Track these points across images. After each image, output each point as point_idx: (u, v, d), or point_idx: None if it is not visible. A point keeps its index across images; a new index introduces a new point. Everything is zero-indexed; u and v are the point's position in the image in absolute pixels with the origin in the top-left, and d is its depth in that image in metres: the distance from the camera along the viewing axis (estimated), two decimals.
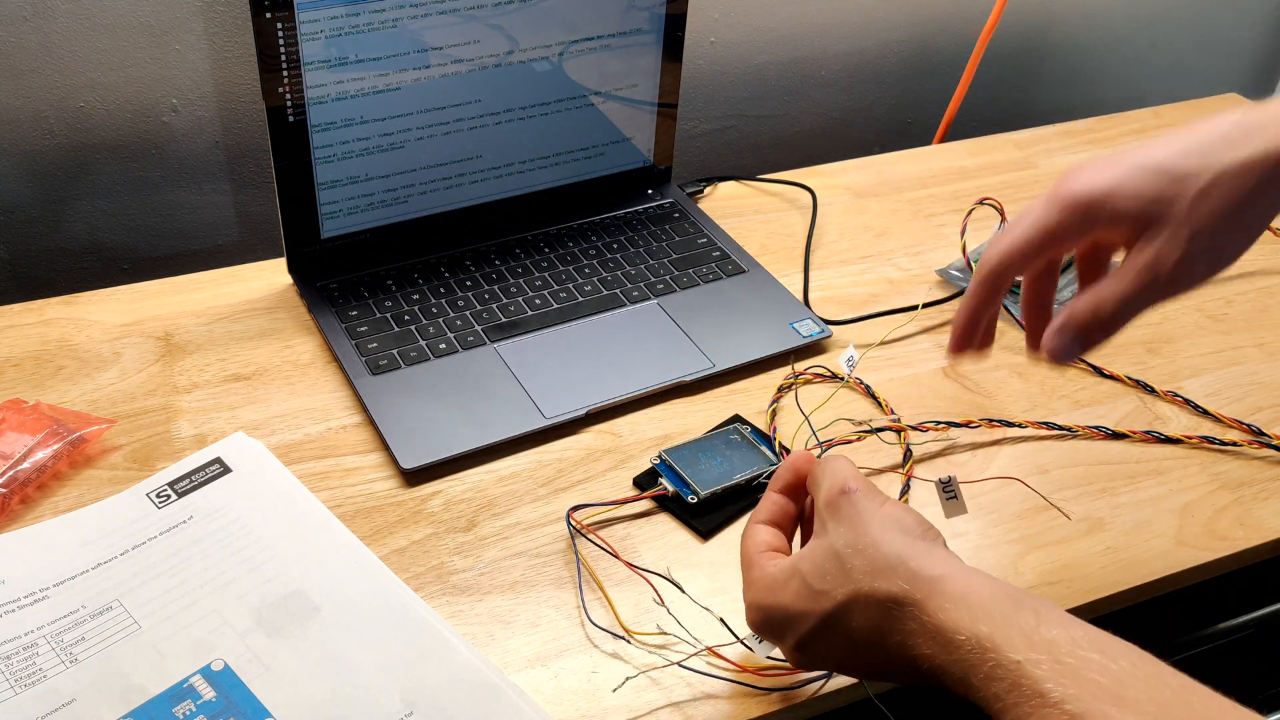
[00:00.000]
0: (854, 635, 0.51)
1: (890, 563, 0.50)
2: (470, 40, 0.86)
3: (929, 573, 0.49)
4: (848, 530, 0.52)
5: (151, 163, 0.98)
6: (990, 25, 1.13)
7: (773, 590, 0.54)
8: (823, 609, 0.52)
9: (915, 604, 0.49)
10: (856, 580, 0.51)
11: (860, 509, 0.53)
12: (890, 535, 0.51)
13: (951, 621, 0.47)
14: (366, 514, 0.72)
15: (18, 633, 0.62)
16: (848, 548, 0.52)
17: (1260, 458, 0.79)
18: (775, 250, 0.98)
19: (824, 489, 0.55)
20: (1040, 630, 0.45)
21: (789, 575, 0.54)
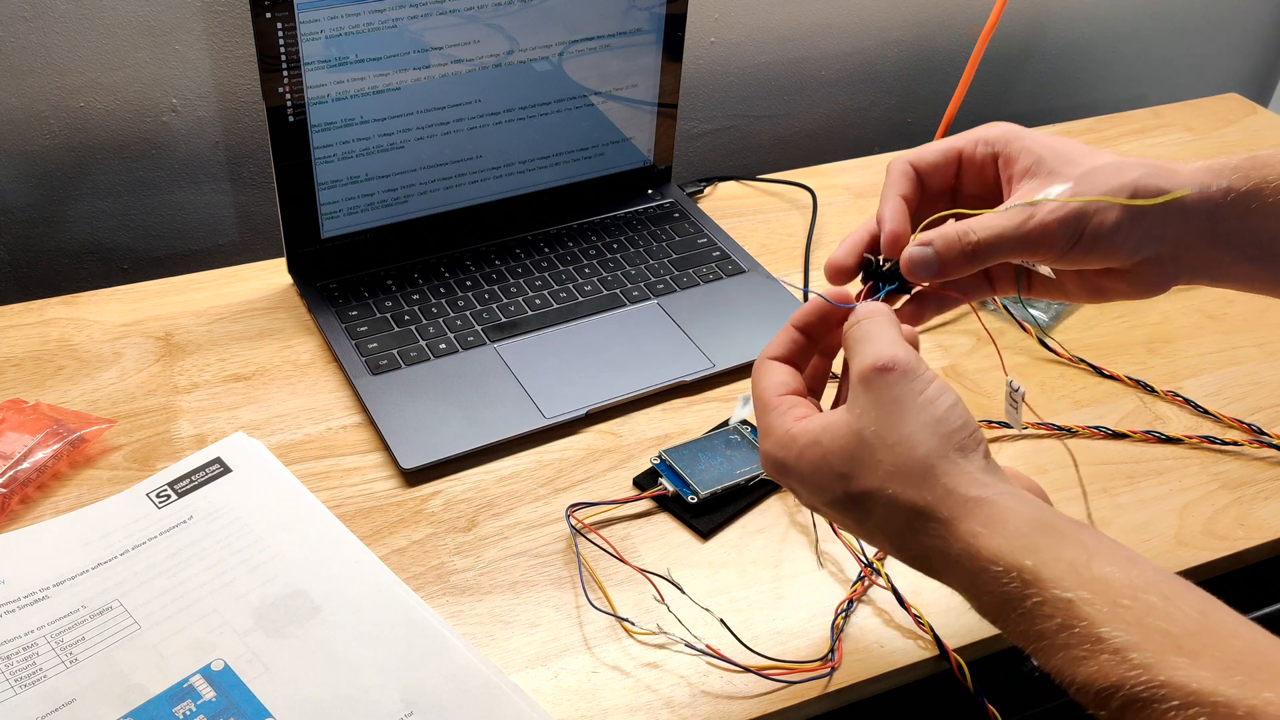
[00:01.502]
0: (873, 524, 0.48)
1: (920, 470, 0.46)
2: (470, 40, 0.86)
3: (963, 491, 0.45)
4: (880, 416, 0.47)
5: (151, 163, 0.98)
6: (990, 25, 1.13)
7: (789, 448, 0.50)
8: (843, 490, 0.48)
9: (943, 522, 0.45)
10: (881, 478, 0.47)
11: (897, 395, 0.47)
12: (925, 436, 0.46)
13: (987, 549, 0.44)
14: (366, 514, 0.72)
15: (18, 633, 0.62)
16: (876, 439, 0.47)
17: (1260, 458, 0.79)
18: (775, 250, 0.98)
19: (860, 356, 0.49)
20: (1092, 566, 0.42)
21: (809, 442, 0.49)
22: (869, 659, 0.64)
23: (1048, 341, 0.88)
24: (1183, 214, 0.53)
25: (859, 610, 0.67)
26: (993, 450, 0.79)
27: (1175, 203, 0.53)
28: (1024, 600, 0.42)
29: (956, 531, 0.45)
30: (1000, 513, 0.45)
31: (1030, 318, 0.91)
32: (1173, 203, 0.53)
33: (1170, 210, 0.53)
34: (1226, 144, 1.18)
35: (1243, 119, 1.24)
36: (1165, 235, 0.53)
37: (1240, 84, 1.49)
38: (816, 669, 0.63)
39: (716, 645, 0.63)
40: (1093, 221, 0.52)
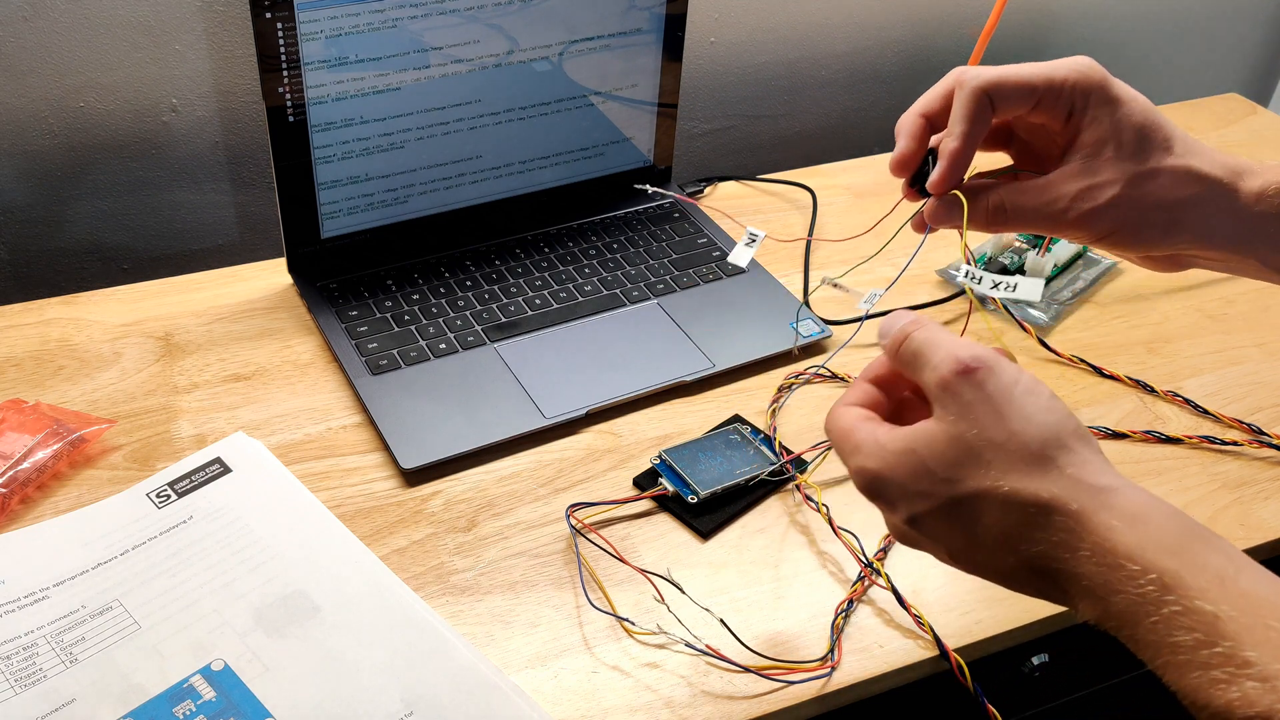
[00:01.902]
0: (978, 532, 0.44)
1: (1039, 461, 0.42)
2: (470, 40, 0.86)
3: (1093, 480, 0.42)
4: (978, 418, 0.44)
5: (151, 163, 0.98)
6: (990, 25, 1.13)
7: (882, 457, 0.46)
8: (948, 495, 0.44)
9: (1072, 515, 0.42)
10: (994, 477, 0.43)
11: (990, 392, 0.44)
12: (1037, 426, 0.43)
13: (1124, 545, 0.40)
14: (366, 514, 0.72)
15: (18, 633, 0.62)
16: (980, 440, 0.43)
17: (1260, 458, 0.79)
18: (775, 250, 0.98)
19: (931, 367, 0.46)
20: (1240, 580, 0.39)
21: (902, 449, 0.46)
22: (869, 659, 0.64)
23: (1048, 341, 0.88)
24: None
25: (859, 610, 0.67)
26: None
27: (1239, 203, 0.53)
28: (1160, 607, 0.39)
29: (1089, 524, 0.41)
30: (1137, 507, 0.41)
31: (1030, 317, 0.91)
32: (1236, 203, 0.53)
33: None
34: (1226, 144, 1.18)
35: (1243, 119, 1.24)
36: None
37: (1240, 84, 1.49)
38: (816, 669, 0.63)
39: (716, 645, 0.63)
40: (1137, 227, 0.53)
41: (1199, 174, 0.54)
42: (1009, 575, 0.45)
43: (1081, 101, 0.53)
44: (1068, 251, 0.96)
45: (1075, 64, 0.53)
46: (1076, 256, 0.97)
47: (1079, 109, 0.53)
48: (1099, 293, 0.95)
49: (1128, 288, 0.96)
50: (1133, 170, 0.53)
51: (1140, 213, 0.54)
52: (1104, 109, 0.53)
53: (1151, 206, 0.54)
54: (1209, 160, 0.54)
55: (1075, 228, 0.54)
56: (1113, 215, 0.53)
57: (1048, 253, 0.94)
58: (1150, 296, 0.95)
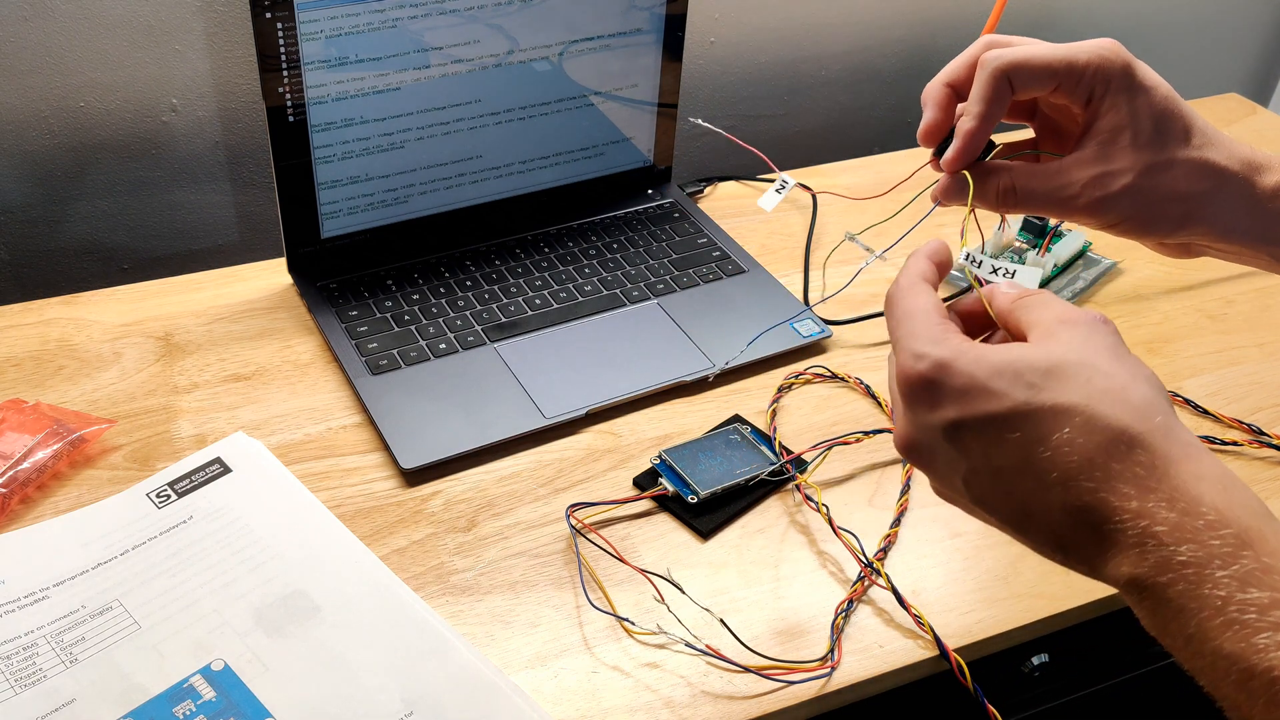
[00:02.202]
0: (1038, 452, 0.41)
1: (1139, 403, 0.41)
2: (470, 40, 0.86)
3: (1183, 437, 0.41)
4: (1091, 350, 0.42)
5: (151, 163, 0.98)
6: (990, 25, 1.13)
7: (966, 353, 0.43)
8: (1025, 400, 0.41)
9: (1157, 454, 0.40)
10: (1089, 395, 0.41)
11: (1113, 342, 0.43)
12: (1144, 384, 0.42)
13: (1207, 496, 0.39)
14: (366, 514, 0.72)
15: (18, 633, 0.62)
16: (1087, 361, 0.42)
17: (1260, 458, 0.79)
18: (775, 250, 0.98)
19: (1058, 308, 0.45)
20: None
21: (996, 351, 0.43)
22: (869, 659, 0.64)
23: None
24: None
25: (859, 610, 0.67)
26: None
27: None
28: (1234, 561, 0.37)
29: (1173, 469, 0.39)
30: (1218, 472, 0.40)
31: None
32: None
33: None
34: None
35: (1243, 119, 1.24)
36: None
37: (1240, 84, 1.49)
38: (816, 669, 0.63)
39: (716, 645, 0.63)
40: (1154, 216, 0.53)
41: (1215, 167, 0.53)
42: (1038, 517, 0.42)
43: (1102, 87, 0.52)
44: (1068, 251, 0.96)
45: (1099, 47, 0.52)
46: (1076, 256, 0.97)
47: (1099, 94, 0.53)
48: (1099, 293, 0.95)
49: (1128, 288, 0.96)
50: (1148, 160, 0.53)
51: (1152, 203, 0.53)
52: (1123, 95, 0.52)
53: (1164, 198, 0.53)
54: (1226, 153, 0.54)
55: (1085, 214, 0.54)
56: (1124, 204, 0.53)
57: (1048, 252, 0.94)
58: (1150, 296, 0.95)
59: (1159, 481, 0.39)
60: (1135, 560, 0.39)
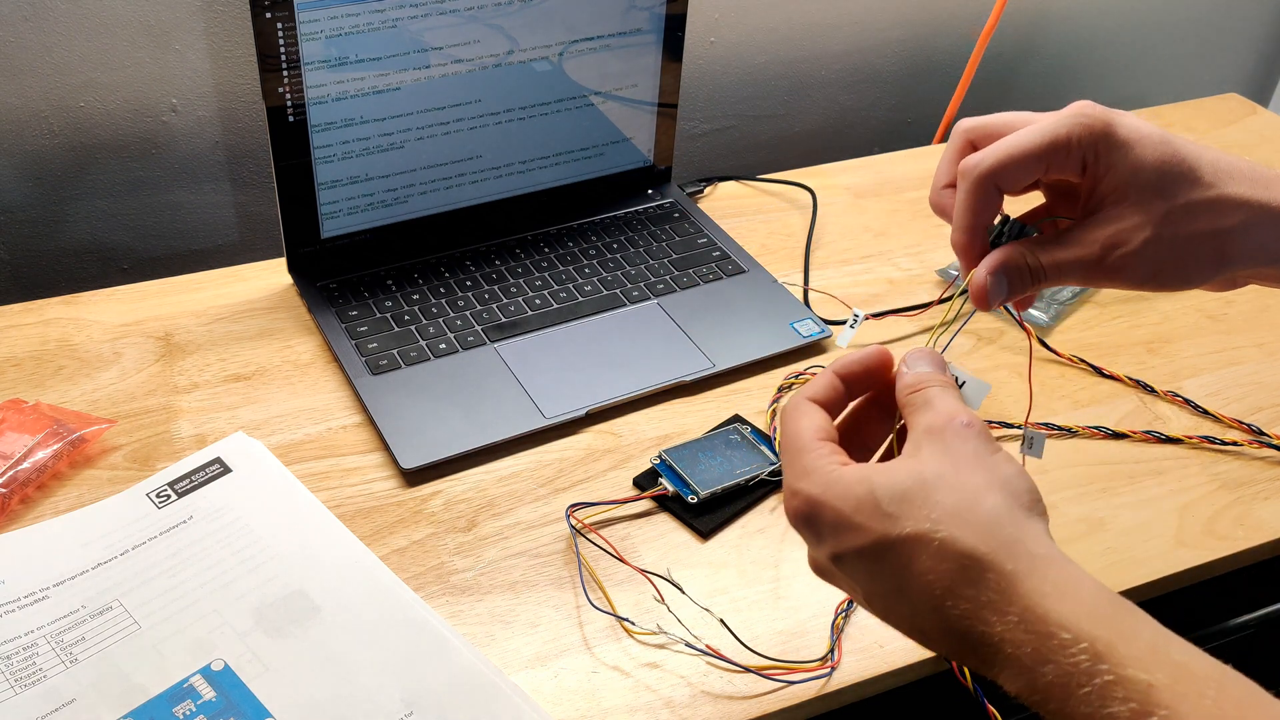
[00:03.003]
0: (907, 580, 0.43)
1: (986, 519, 0.42)
2: (470, 40, 0.86)
3: (1030, 547, 0.41)
4: (947, 463, 0.44)
5: (151, 163, 0.98)
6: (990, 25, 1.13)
7: (831, 487, 0.45)
8: (883, 532, 0.43)
9: (1004, 575, 0.40)
10: (937, 520, 0.42)
11: (971, 448, 0.44)
12: (994, 492, 0.43)
13: (1055, 613, 0.39)
14: (366, 514, 0.72)
15: (18, 633, 0.62)
16: (939, 480, 0.43)
17: (1260, 458, 0.79)
18: (775, 250, 0.98)
19: (934, 412, 0.46)
20: (1172, 650, 0.38)
21: (856, 480, 0.44)
22: (869, 659, 0.64)
23: (1048, 341, 0.88)
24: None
25: (859, 610, 0.67)
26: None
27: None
28: (1093, 677, 0.37)
29: (1020, 588, 0.40)
30: (1072, 577, 0.40)
31: (1030, 318, 0.91)
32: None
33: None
34: (1226, 144, 1.18)
35: (1243, 119, 1.24)
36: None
37: (1240, 84, 1.49)
38: (816, 669, 0.63)
39: (716, 645, 0.63)
40: (1180, 269, 0.51)
41: (1236, 200, 0.51)
42: (930, 635, 0.44)
43: (1092, 153, 0.51)
44: None
45: (1078, 115, 0.51)
46: None
47: (1091, 160, 0.51)
48: (1099, 293, 0.95)
49: None
50: (1163, 209, 0.51)
51: (1181, 248, 0.51)
52: (1116, 154, 0.51)
53: (1191, 240, 0.51)
54: (1247, 183, 0.52)
55: (1115, 275, 0.52)
56: (1152, 256, 0.51)
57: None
58: (1150, 296, 0.95)
59: (1010, 604, 0.40)
60: (1012, 679, 0.40)
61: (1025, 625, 0.39)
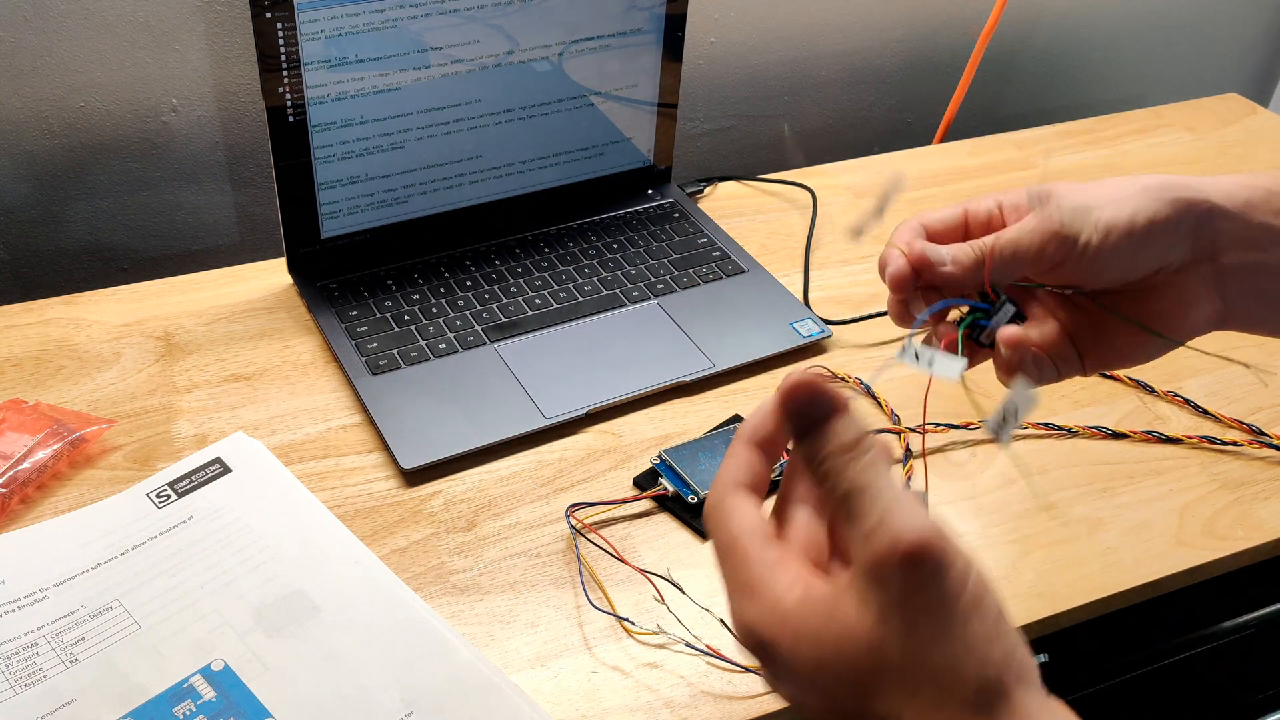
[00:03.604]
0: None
1: (976, 707, 0.36)
2: (470, 40, 0.86)
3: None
4: (911, 629, 0.35)
5: (151, 163, 0.98)
6: (990, 25, 1.13)
7: (780, 627, 0.38)
8: (856, 705, 0.37)
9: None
10: (918, 711, 0.36)
11: (930, 599, 0.35)
12: (976, 661, 0.36)
13: None
14: (366, 514, 0.72)
15: (18, 633, 0.62)
16: (908, 658, 0.36)
17: (1260, 458, 0.79)
18: (775, 250, 0.98)
19: (863, 530, 0.36)
20: None
21: (810, 635, 0.37)
22: None
23: None
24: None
25: None
26: (993, 450, 0.79)
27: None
28: None
29: None
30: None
31: None
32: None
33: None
34: (1226, 144, 1.18)
35: (1243, 119, 1.24)
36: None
37: (1240, 84, 1.49)
38: None
39: (716, 645, 0.63)
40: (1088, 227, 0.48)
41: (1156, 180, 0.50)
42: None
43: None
44: None
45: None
46: None
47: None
48: None
49: None
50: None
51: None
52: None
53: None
54: (1224, 194, 0.50)
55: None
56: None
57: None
58: None
59: None
60: None
61: None
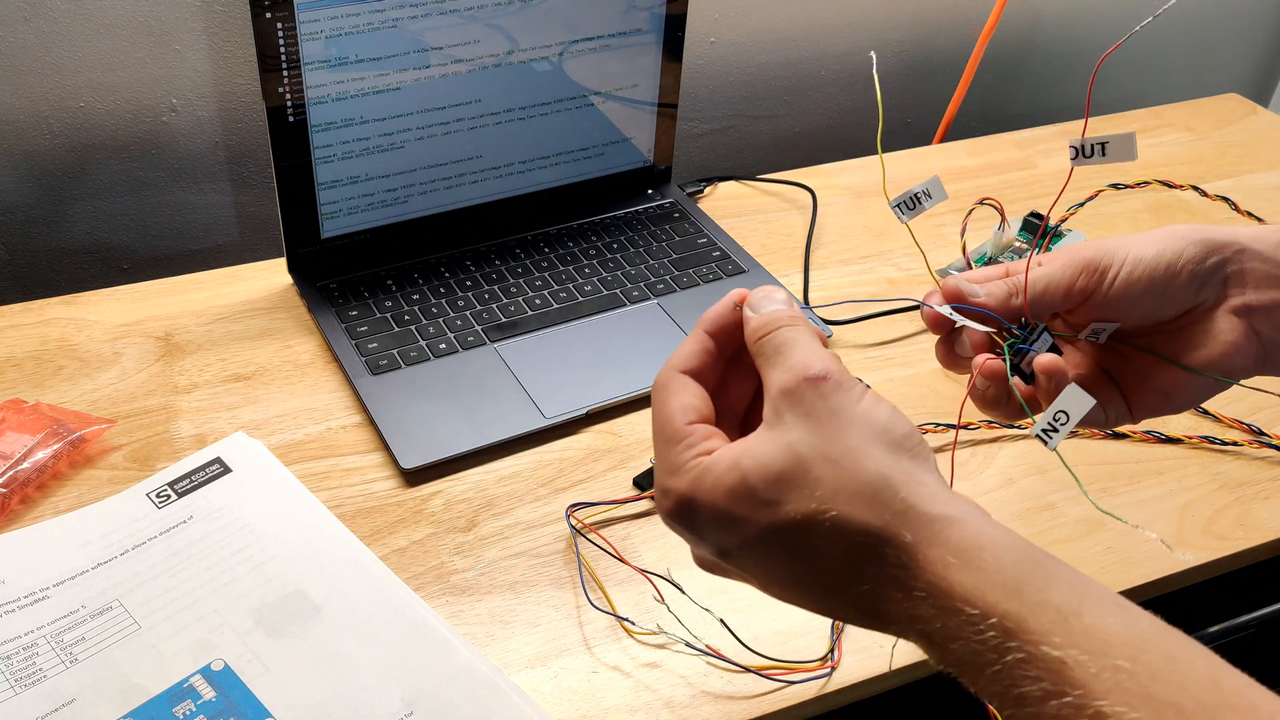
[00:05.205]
0: (803, 564, 0.40)
1: (874, 485, 0.39)
2: (470, 40, 0.86)
3: (927, 509, 0.38)
4: (814, 429, 0.40)
5: (151, 163, 0.98)
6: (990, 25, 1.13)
7: (700, 481, 0.41)
8: (769, 520, 0.40)
9: (904, 548, 0.38)
10: (822, 499, 0.39)
11: (833, 404, 0.40)
12: (873, 448, 0.39)
13: (960, 586, 0.37)
14: (366, 514, 0.72)
15: (18, 633, 0.62)
16: (813, 452, 0.39)
17: (1260, 458, 0.79)
18: (775, 250, 0.98)
19: (783, 368, 0.42)
20: (1084, 614, 0.35)
21: (726, 469, 0.41)
22: (869, 659, 0.64)
23: None
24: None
25: None
26: (993, 450, 0.79)
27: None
28: (1003, 654, 0.35)
29: (923, 559, 0.37)
30: (973, 537, 0.38)
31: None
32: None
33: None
34: (1226, 144, 1.18)
35: (1243, 119, 1.24)
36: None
37: (1240, 84, 1.49)
38: (816, 669, 0.63)
39: (716, 645, 0.63)
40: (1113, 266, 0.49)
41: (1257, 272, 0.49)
42: (838, 613, 0.42)
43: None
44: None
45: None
46: None
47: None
48: None
49: None
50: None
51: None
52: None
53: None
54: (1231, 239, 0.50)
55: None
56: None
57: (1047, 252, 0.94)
58: None
59: (914, 579, 0.38)
60: (927, 652, 0.39)
61: (931, 600, 0.37)
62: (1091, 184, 1.01)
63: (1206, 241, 0.49)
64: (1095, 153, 0.50)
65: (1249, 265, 0.49)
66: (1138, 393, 0.51)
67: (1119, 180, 1.05)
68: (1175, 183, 1.03)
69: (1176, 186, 1.04)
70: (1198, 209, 1.05)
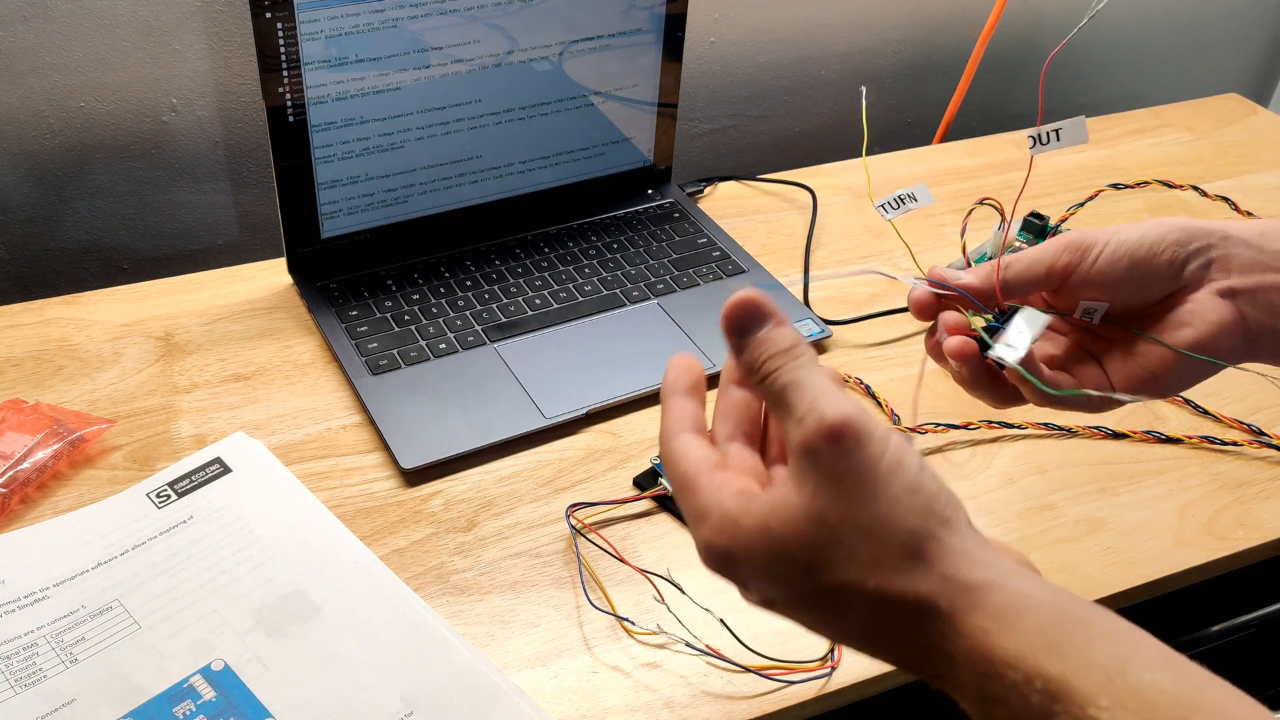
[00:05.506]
0: (846, 625, 0.40)
1: (907, 555, 0.38)
2: (470, 40, 0.86)
3: (963, 576, 0.38)
4: (840, 495, 0.38)
5: (151, 163, 0.98)
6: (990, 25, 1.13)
7: (733, 534, 0.40)
8: (810, 586, 0.39)
9: (943, 617, 0.37)
10: (859, 569, 0.38)
11: (856, 465, 0.38)
12: (904, 511, 0.38)
13: (1003, 651, 0.36)
14: (366, 514, 0.72)
15: (18, 633, 0.62)
16: (843, 522, 0.38)
17: (1260, 458, 0.79)
18: (775, 250, 0.98)
19: (793, 420, 0.39)
20: (1129, 672, 0.35)
21: (756, 528, 0.40)
22: (869, 659, 0.64)
23: None
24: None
25: None
26: (993, 450, 0.79)
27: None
28: (1049, 718, 0.35)
29: (963, 628, 0.37)
30: (1012, 600, 0.37)
31: None
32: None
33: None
34: (1226, 144, 1.18)
35: (1243, 119, 1.24)
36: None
37: (1240, 84, 1.49)
38: (816, 669, 0.63)
39: (716, 645, 0.63)
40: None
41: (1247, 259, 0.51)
42: (887, 658, 0.41)
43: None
44: None
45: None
46: None
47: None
48: None
49: None
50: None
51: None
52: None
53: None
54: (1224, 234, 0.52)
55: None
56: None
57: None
58: None
59: (955, 646, 0.37)
60: (970, 712, 0.38)
61: (972, 666, 0.37)
62: (1092, 184, 1.01)
63: (1190, 228, 0.51)
64: (1051, 139, 0.55)
65: (1233, 251, 0.51)
66: (1123, 374, 0.52)
67: (1119, 180, 1.05)
68: (1175, 183, 1.03)
69: (1176, 186, 1.04)
70: (1198, 209, 1.05)
